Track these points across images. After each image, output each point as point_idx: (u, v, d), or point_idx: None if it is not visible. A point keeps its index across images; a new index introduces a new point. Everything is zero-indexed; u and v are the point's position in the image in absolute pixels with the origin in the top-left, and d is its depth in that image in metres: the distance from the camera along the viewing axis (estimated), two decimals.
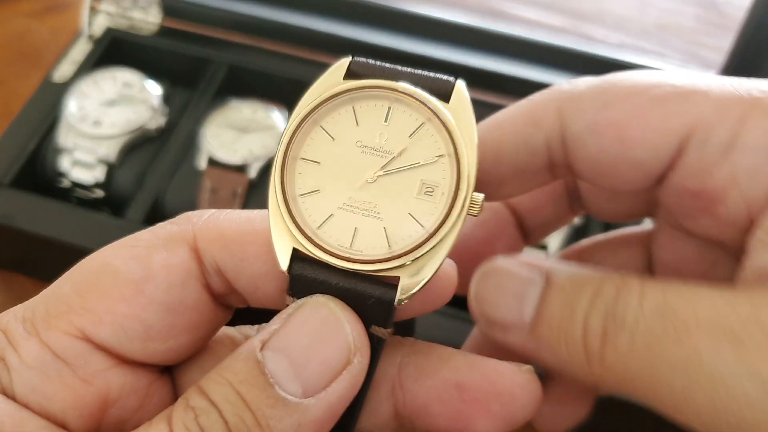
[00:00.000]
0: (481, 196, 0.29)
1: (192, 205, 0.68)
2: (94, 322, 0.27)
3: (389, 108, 0.29)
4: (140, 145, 0.71)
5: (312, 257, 0.28)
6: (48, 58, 0.81)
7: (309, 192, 0.29)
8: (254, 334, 0.32)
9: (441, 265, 0.28)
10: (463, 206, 0.28)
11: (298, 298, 0.28)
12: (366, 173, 0.29)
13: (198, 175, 0.68)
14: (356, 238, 0.28)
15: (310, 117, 0.29)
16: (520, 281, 0.31)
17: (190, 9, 0.78)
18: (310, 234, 0.28)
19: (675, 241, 0.35)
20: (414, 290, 0.28)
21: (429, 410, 0.29)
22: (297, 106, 0.30)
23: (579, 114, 0.31)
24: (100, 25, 0.78)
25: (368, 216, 0.28)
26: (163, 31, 0.78)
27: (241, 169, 0.68)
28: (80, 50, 0.76)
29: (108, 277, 0.28)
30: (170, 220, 0.30)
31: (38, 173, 0.70)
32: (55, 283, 0.29)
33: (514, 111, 0.33)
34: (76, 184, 0.70)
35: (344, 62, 0.31)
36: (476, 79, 0.73)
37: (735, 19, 0.71)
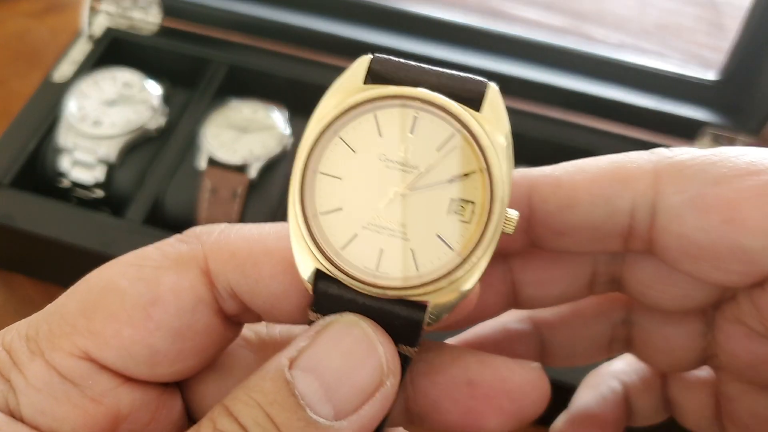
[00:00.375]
0: (516, 213, 0.27)
1: (192, 205, 0.68)
2: (99, 345, 0.26)
3: (415, 118, 0.27)
4: (140, 145, 0.71)
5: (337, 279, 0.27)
6: (48, 58, 0.81)
7: (331, 210, 0.27)
8: (265, 332, 0.32)
9: (473, 288, 0.27)
10: (496, 228, 0.26)
11: (324, 315, 0.27)
12: (391, 190, 0.27)
13: (198, 175, 0.68)
14: (382, 260, 0.27)
15: (329, 129, 0.27)
16: None
17: (190, 9, 0.78)
18: (332, 256, 0.27)
19: (752, 397, 0.31)
20: (443, 314, 0.27)
21: (440, 407, 0.29)
22: (314, 115, 0.28)
23: (682, 183, 0.28)
24: (100, 25, 0.78)
25: (394, 236, 0.27)
26: (163, 31, 0.78)
27: (241, 169, 0.68)
28: (80, 50, 0.76)
29: (114, 297, 0.27)
30: (178, 236, 0.29)
31: (38, 173, 0.70)
32: (59, 298, 0.28)
33: (603, 161, 0.30)
34: (76, 184, 0.70)
35: (364, 61, 0.28)
36: None
37: (735, 18, 0.71)
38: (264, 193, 0.68)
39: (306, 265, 0.27)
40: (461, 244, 0.26)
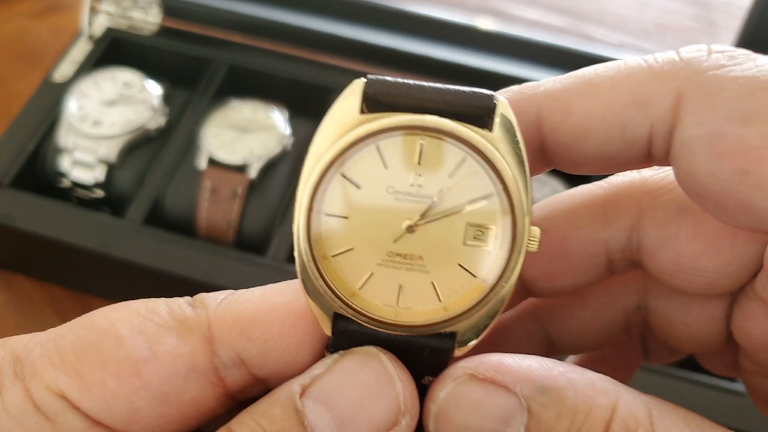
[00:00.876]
0: (538, 230, 0.25)
1: (192, 205, 0.68)
2: (80, 389, 0.25)
3: (422, 145, 0.25)
4: (140, 145, 0.71)
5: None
6: (48, 58, 0.81)
7: (341, 252, 0.26)
8: None
9: (503, 309, 0.25)
10: (521, 251, 0.25)
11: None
12: (404, 223, 0.25)
13: (198, 175, 0.68)
14: (402, 296, 0.25)
15: (330, 168, 0.25)
16: (497, 414, 0.24)
17: (190, 9, 0.78)
18: (348, 299, 0.25)
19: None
20: (473, 342, 0.26)
21: None
22: (310, 152, 0.26)
23: (704, 114, 0.24)
24: (100, 25, 0.78)
25: (413, 270, 0.25)
26: (163, 31, 0.78)
27: (241, 169, 0.68)
28: (80, 50, 0.76)
29: (110, 344, 0.26)
30: (188, 299, 0.28)
31: (38, 173, 0.70)
32: (62, 327, 0.27)
33: (621, 73, 0.25)
34: (76, 184, 0.70)
35: (357, 87, 0.25)
36: (476, 79, 0.73)
37: (734, 18, 0.71)
38: (264, 193, 0.68)
39: (323, 310, 0.26)
40: (486, 272, 0.25)
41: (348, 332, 0.25)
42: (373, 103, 0.25)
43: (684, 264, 0.29)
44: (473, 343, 0.26)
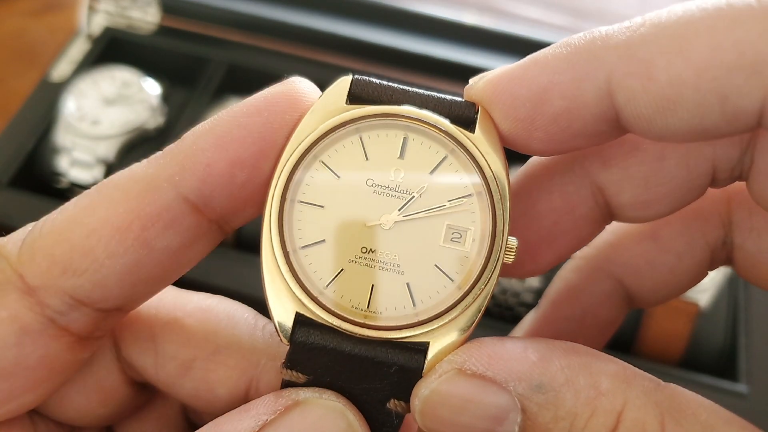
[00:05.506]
0: (515, 241, 0.24)
1: None
2: None
3: (404, 139, 0.25)
4: (139, 145, 0.71)
5: (321, 323, 0.24)
6: (46, 57, 0.80)
7: (312, 243, 0.24)
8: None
9: (477, 321, 0.24)
10: (499, 255, 0.24)
11: (302, 372, 0.24)
12: (381, 218, 0.24)
13: None
14: (374, 297, 0.24)
15: (309, 152, 0.25)
16: (488, 413, 0.22)
17: (188, 7, 0.78)
18: (316, 294, 0.24)
19: None
20: (446, 356, 0.24)
21: None
22: (292, 138, 0.25)
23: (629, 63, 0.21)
24: (98, 24, 0.78)
25: (387, 270, 0.24)
26: (162, 30, 0.78)
27: None
28: (78, 49, 0.75)
29: None
30: None
31: (36, 173, 0.70)
32: None
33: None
34: (75, 184, 0.69)
35: (345, 82, 0.26)
36: None
37: None
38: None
39: (285, 310, 0.24)
40: (462, 276, 0.24)
41: (307, 345, 0.24)
42: (356, 98, 0.25)
43: None
44: (446, 358, 0.24)
